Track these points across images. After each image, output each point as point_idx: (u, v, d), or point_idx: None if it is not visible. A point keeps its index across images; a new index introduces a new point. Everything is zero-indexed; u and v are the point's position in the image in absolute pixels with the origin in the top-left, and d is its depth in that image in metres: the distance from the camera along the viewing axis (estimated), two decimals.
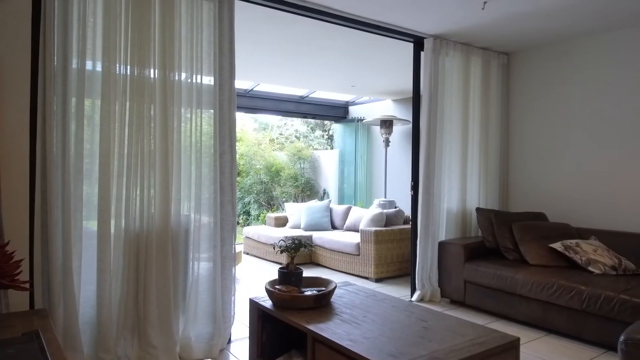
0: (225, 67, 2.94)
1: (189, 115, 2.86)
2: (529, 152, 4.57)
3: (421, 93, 4.22)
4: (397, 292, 4.51)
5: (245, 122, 10.95)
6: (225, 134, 2.96)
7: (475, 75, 4.48)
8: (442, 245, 4.13)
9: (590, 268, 3.43)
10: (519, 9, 3.47)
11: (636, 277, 3.29)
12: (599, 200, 4.03)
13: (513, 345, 1.91)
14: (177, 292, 2.85)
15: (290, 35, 4.14)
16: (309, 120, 10.24)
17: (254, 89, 6.67)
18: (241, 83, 6.43)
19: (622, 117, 3.89)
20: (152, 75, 2.71)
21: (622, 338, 2.18)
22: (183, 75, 2.84)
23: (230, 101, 2.97)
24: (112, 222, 2.62)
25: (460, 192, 4.40)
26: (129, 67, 2.65)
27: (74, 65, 2.50)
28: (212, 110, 2.91)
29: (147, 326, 2.69)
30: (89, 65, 2.56)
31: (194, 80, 2.86)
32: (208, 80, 2.90)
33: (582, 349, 3.06)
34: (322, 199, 8.27)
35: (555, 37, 4.19)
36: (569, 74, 4.26)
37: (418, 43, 4.22)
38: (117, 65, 2.61)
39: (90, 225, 2.63)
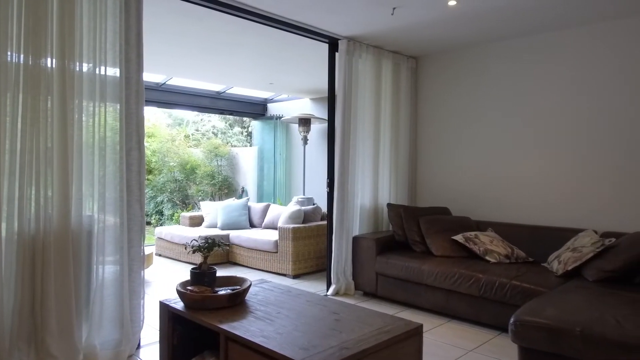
0: (132, 59, 2.80)
1: (91, 109, 2.68)
2: (434, 151, 4.88)
3: (336, 93, 4.33)
4: (314, 287, 4.60)
5: (158, 117, 10.47)
6: (133, 130, 2.83)
7: (386, 78, 4.68)
8: (355, 239, 4.28)
9: (487, 257, 3.74)
10: (425, 16, 3.68)
11: (526, 265, 3.66)
12: (495, 195, 4.41)
13: (417, 332, 2.04)
14: (80, 298, 2.67)
15: (203, 29, 4.04)
16: (227, 116, 10.04)
17: (166, 83, 6.41)
18: (152, 76, 6.15)
19: (516, 120, 4.28)
20: (49, 65, 2.51)
21: (512, 320, 2.41)
22: (85, 67, 2.66)
23: (138, 95, 2.84)
24: (3, 225, 2.39)
25: (373, 188, 4.58)
26: (22, 55, 2.42)
27: None
28: (117, 104, 2.76)
29: (46, 335, 2.50)
30: None
31: (98, 72, 2.69)
32: (113, 72, 2.74)
33: (481, 332, 3.34)
34: (240, 197, 8.17)
35: (458, 44, 4.51)
36: (470, 78, 4.60)
37: (333, 44, 4.32)
38: (9, 53, 2.38)
39: None
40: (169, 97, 6.63)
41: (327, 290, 4.31)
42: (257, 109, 7.87)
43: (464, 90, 4.65)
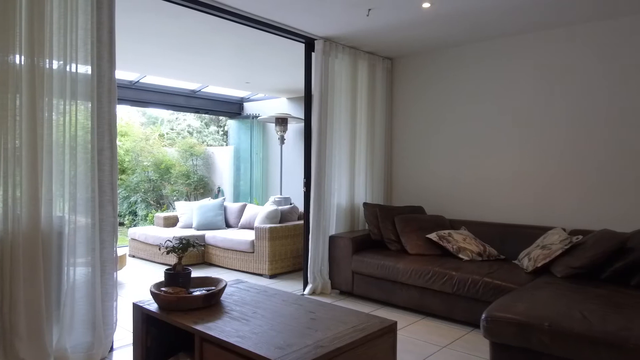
0: (104, 57, 2.75)
1: (62, 108, 2.62)
2: (409, 150, 4.94)
3: (312, 93, 4.34)
4: (291, 286, 4.60)
5: (131, 116, 10.29)
6: (105, 129, 2.77)
7: (362, 78, 4.72)
8: (332, 239, 4.30)
9: (460, 255, 3.81)
10: (400, 17, 3.73)
11: (498, 262, 3.75)
12: (468, 194, 4.50)
13: (391, 329, 2.07)
14: (50, 300, 2.61)
15: (178, 28, 3.99)
16: (203, 115, 9.94)
17: (140, 81, 6.30)
18: (125, 74, 6.04)
19: (488, 121, 4.38)
20: (17, 62, 2.44)
21: (483, 316, 2.47)
22: (55, 64, 2.60)
23: (110, 93, 2.79)
24: None
25: (349, 188, 4.61)
26: None
27: None
28: (89, 103, 2.70)
29: (14, 339, 2.43)
30: None
31: (69, 69, 2.63)
32: (84, 69, 2.69)
33: (454, 329, 3.41)
34: (216, 196, 8.09)
35: (432, 45, 4.58)
36: (444, 80, 4.68)
37: (309, 44, 4.33)
38: None
39: None
40: (143, 96, 6.52)
41: (304, 289, 4.32)
42: (233, 108, 7.82)
43: (437, 92, 4.73)
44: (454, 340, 3.16)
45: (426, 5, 3.44)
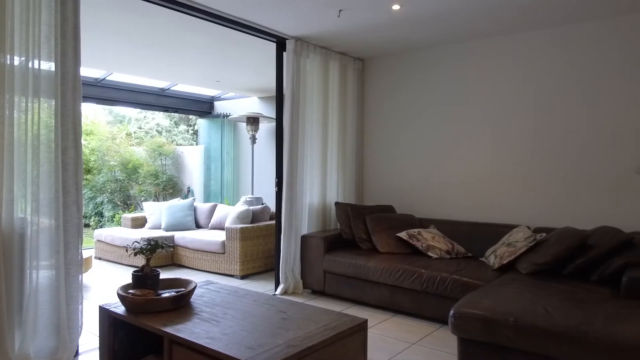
0: (68, 53, 2.67)
1: (24, 105, 2.53)
2: (380, 150, 5.00)
3: (284, 92, 4.34)
4: (262, 287, 4.58)
5: (97, 114, 10.01)
6: (69, 127, 2.69)
7: (333, 78, 4.74)
8: (304, 238, 4.31)
9: (429, 253, 3.88)
10: (370, 18, 3.76)
11: (466, 259, 3.83)
12: (437, 193, 4.58)
13: (361, 327, 2.09)
14: (12, 304, 2.51)
15: (146, 24, 3.91)
16: (172, 114, 9.77)
17: (106, 79, 6.14)
18: (91, 71, 5.88)
19: (456, 122, 4.47)
20: None
21: (451, 312, 2.52)
22: (17, 60, 2.51)
23: (75, 91, 2.71)
24: None
25: (321, 187, 4.63)
26: None
27: None
28: (52, 100, 2.62)
29: None
30: None
31: (31, 66, 2.54)
32: (48, 66, 2.60)
33: (423, 326, 3.47)
34: (186, 197, 7.97)
35: (402, 47, 4.64)
36: (413, 81, 4.75)
37: (280, 43, 4.32)
38: None
39: None
40: (109, 94, 6.35)
41: (276, 289, 4.31)
42: (203, 107, 7.72)
43: (408, 93, 4.80)
44: (424, 337, 3.22)
45: (396, 7, 3.49)
